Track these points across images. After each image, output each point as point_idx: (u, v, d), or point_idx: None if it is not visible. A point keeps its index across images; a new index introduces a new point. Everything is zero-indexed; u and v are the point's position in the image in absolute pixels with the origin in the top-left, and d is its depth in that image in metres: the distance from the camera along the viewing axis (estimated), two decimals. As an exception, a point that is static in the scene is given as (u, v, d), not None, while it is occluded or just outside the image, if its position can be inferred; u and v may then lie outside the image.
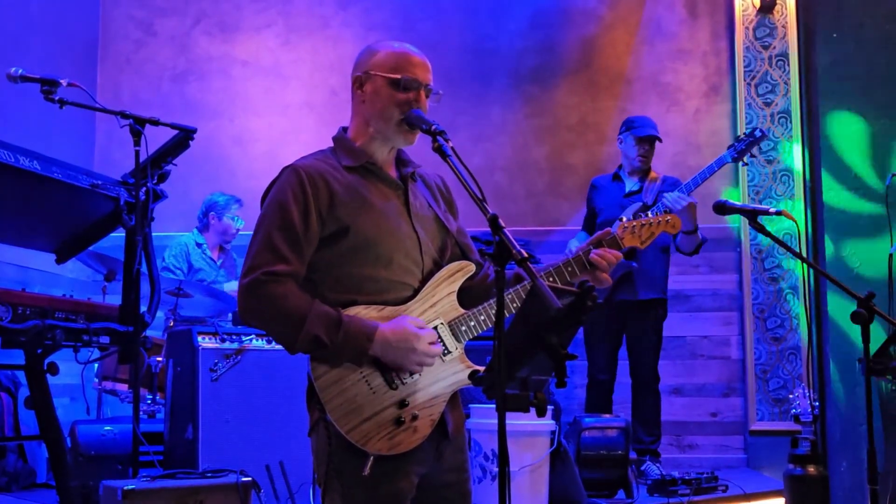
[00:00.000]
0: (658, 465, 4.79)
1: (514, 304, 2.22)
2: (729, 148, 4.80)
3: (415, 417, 2.12)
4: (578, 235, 5.20)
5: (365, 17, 6.53)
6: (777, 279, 5.89)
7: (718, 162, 4.71)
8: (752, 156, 4.88)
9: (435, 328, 2.19)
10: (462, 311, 2.23)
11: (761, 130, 4.81)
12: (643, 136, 4.93)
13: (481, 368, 2.15)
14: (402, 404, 2.11)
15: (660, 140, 4.97)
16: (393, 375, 2.13)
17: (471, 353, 2.22)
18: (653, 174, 5.00)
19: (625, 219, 2.43)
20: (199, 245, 5.59)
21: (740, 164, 4.86)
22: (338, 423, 2.06)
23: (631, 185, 4.99)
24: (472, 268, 2.29)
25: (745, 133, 4.84)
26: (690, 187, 4.65)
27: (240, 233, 5.64)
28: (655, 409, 4.92)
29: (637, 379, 4.94)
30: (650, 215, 2.46)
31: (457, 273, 2.27)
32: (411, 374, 2.13)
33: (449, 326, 2.21)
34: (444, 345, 2.19)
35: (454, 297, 2.24)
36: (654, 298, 4.92)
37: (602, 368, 4.99)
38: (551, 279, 2.26)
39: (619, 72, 6.32)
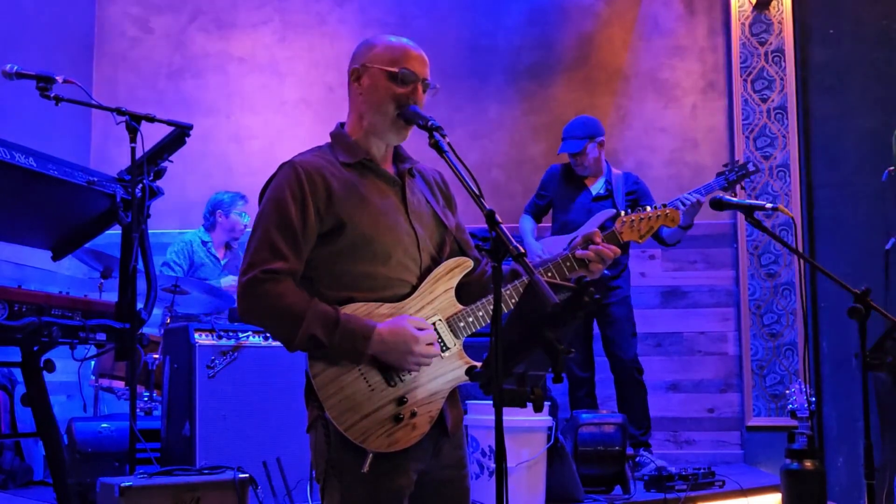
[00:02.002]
0: (651, 455, 4.80)
1: (513, 300, 2.21)
2: (719, 175, 4.68)
3: (413, 414, 2.12)
4: (524, 221, 5.17)
5: (361, 13, 6.52)
6: (773, 275, 5.90)
7: (707, 188, 4.60)
8: (742, 187, 4.80)
9: (433, 325, 2.19)
10: (460, 307, 2.23)
11: (754, 164, 4.71)
12: (559, 154, 4.99)
13: (479, 364, 2.15)
14: (401, 401, 2.11)
15: (575, 150, 4.91)
16: (391, 372, 2.12)
17: (470, 349, 2.21)
18: (614, 171, 5.00)
19: (623, 213, 2.43)
20: (204, 243, 5.58)
21: (729, 193, 4.77)
22: (336, 420, 2.06)
23: (596, 188, 4.99)
24: (470, 264, 2.29)
25: (735, 163, 4.72)
26: (677, 206, 4.56)
27: (247, 229, 5.64)
28: (642, 401, 4.91)
29: (618, 374, 4.94)
30: (648, 209, 2.45)
31: (455, 269, 2.26)
32: (409, 372, 2.13)
33: (447, 323, 2.20)
34: (442, 342, 2.19)
35: (452, 293, 2.24)
36: (622, 297, 4.94)
37: (580, 366, 5.00)
38: (549, 274, 2.26)
39: (616, 68, 6.32)
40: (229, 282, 5.39)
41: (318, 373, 2.09)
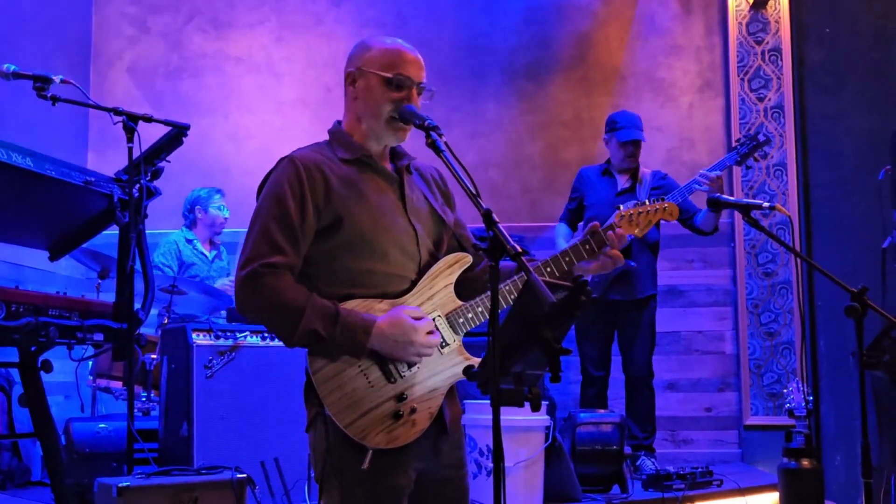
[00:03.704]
0: (653, 460, 4.80)
1: (512, 296, 2.21)
2: (731, 151, 4.69)
3: (413, 411, 2.12)
4: (559, 227, 5.16)
5: (358, 13, 6.52)
6: (771, 274, 5.90)
7: (720, 164, 4.60)
8: (756, 159, 4.77)
9: (432, 320, 2.19)
10: (459, 303, 2.22)
11: (765, 135, 4.66)
12: (625, 140, 4.91)
13: (477, 362, 2.15)
14: (401, 398, 2.11)
15: (644, 140, 4.93)
16: (391, 368, 2.12)
17: (470, 348, 2.21)
18: (642, 169, 5.00)
19: (622, 207, 2.42)
20: (189, 241, 5.58)
21: (742, 167, 4.78)
22: (336, 417, 2.06)
23: (622, 182, 4.98)
24: (470, 259, 2.29)
25: (746, 136, 4.69)
26: (692, 189, 4.58)
27: (226, 223, 5.64)
28: (649, 405, 4.92)
29: (630, 375, 4.94)
30: (647, 203, 2.45)
31: (454, 265, 2.26)
32: (410, 365, 2.13)
33: (447, 319, 2.20)
34: (442, 338, 2.19)
35: (451, 289, 2.23)
36: (648, 295, 4.92)
37: (596, 364, 4.99)
38: (549, 269, 2.25)
39: (613, 68, 6.32)
40: (222, 283, 5.40)
41: (319, 369, 2.09)
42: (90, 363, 4.83)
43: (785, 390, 4.03)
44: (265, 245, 2.10)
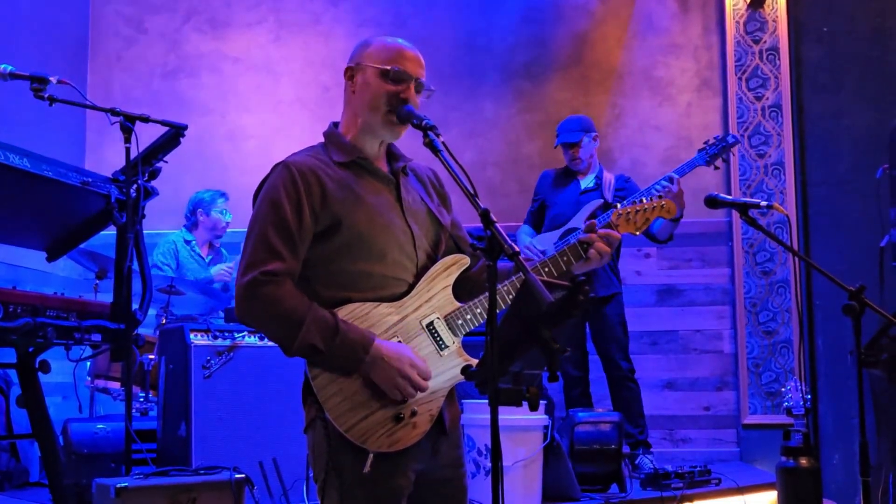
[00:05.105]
0: (651, 458, 4.80)
1: (511, 296, 2.21)
2: (700, 151, 4.72)
3: (414, 413, 2.11)
4: (522, 229, 5.19)
5: (356, 13, 6.52)
6: (769, 273, 5.90)
7: (689, 164, 4.65)
8: (724, 160, 4.81)
9: (431, 323, 2.19)
10: (458, 304, 2.22)
11: (735, 136, 4.73)
12: (556, 146, 5.07)
13: (475, 362, 2.15)
14: (401, 400, 2.11)
15: (572, 140, 4.97)
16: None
17: (469, 347, 2.21)
18: (606, 174, 5.04)
19: (619, 206, 2.42)
20: (187, 242, 5.57)
21: (712, 167, 4.80)
22: (336, 421, 2.06)
23: (586, 182, 5.03)
24: (467, 261, 2.28)
25: (715, 137, 4.75)
26: (651, 194, 4.59)
27: (229, 227, 5.63)
28: (637, 400, 4.91)
29: (611, 374, 4.95)
30: (645, 200, 2.44)
31: (452, 266, 2.26)
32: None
33: (445, 321, 2.20)
34: (441, 340, 2.19)
35: (450, 290, 2.23)
36: (613, 293, 4.96)
37: (575, 364, 5.02)
38: (546, 269, 2.25)
39: (610, 66, 6.32)
40: (218, 269, 5.40)
41: (318, 374, 2.09)
42: (88, 364, 4.82)
43: (783, 389, 4.03)
44: (263, 251, 2.10)
